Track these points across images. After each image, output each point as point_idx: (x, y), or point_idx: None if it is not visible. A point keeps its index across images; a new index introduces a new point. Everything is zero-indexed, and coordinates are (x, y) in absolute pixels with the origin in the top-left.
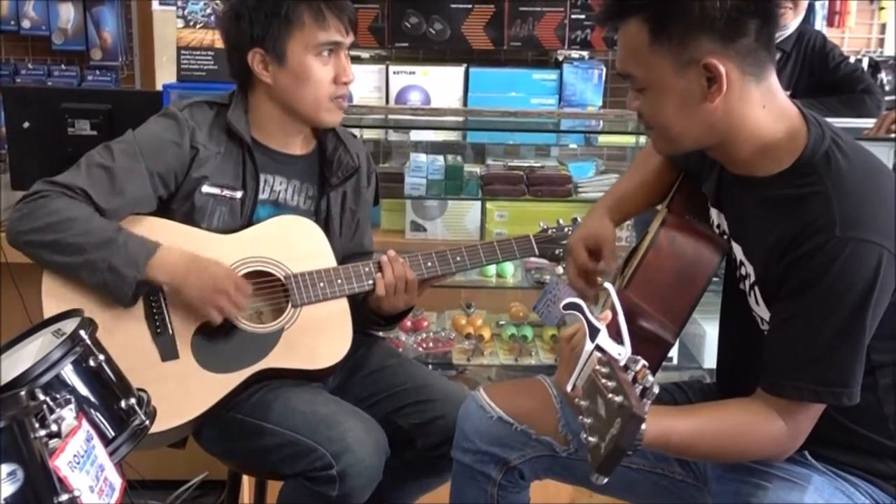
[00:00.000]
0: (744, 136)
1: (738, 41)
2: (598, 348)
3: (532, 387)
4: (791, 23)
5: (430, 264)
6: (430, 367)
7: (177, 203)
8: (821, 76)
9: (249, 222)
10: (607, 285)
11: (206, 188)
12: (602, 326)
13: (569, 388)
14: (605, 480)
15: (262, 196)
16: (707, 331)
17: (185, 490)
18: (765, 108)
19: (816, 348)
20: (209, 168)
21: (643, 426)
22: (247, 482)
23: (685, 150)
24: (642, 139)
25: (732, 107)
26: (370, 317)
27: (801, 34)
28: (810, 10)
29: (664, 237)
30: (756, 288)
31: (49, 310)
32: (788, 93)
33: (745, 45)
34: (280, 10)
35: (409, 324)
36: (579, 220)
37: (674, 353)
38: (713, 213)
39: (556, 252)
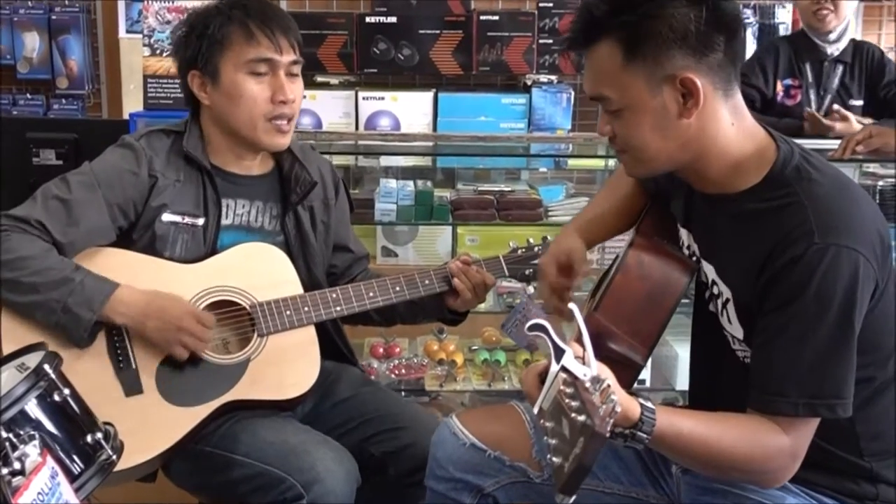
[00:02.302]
0: (715, 154)
1: (709, 56)
2: (564, 369)
3: (505, 413)
4: (837, 28)
5: (398, 288)
6: (403, 393)
7: (138, 233)
8: (873, 89)
9: (213, 249)
10: (571, 306)
11: (166, 216)
12: (567, 348)
13: (535, 411)
14: (571, 500)
15: (227, 221)
16: (680, 353)
17: None
18: (733, 126)
19: (807, 360)
20: (168, 196)
21: (656, 411)
22: None
23: (659, 172)
24: (612, 162)
25: (705, 123)
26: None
27: (859, 46)
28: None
29: (632, 259)
30: (729, 306)
31: (8, 349)
32: (860, 103)
33: (714, 59)
34: (208, 30)
35: (381, 350)
36: (549, 238)
37: (647, 375)
38: (683, 233)
39: (527, 272)
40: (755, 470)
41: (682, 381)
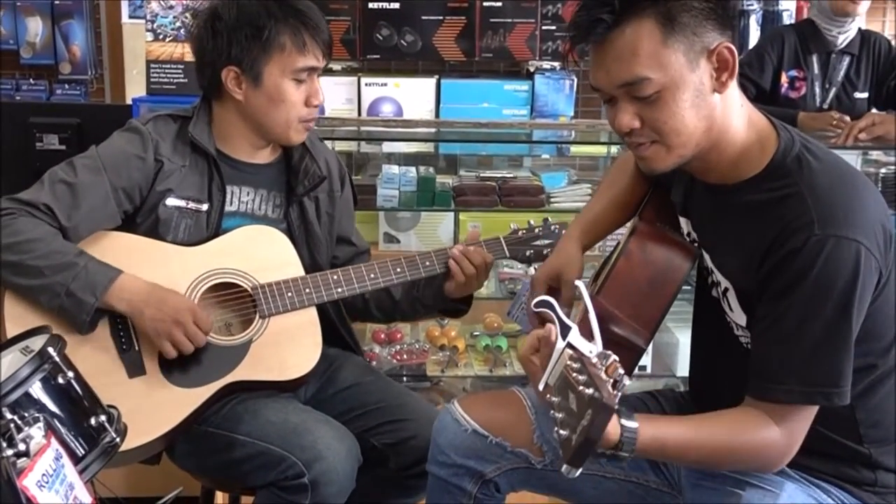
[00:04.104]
0: (726, 141)
1: (727, 29)
2: (570, 345)
3: (507, 398)
4: (858, 17)
5: (398, 269)
6: (405, 378)
7: (141, 217)
8: (882, 80)
9: (216, 234)
10: (578, 283)
11: (170, 201)
12: (573, 324)
13: (541, 387)
14: (577, 473)
15: (230, 208)
16: (681, 339)
17: None
18: (742, 108)
19: (804, 349)
20: (174, 181)
21: (638, 430)
22: (221, 498)
23: (683, 162)
24: (614, 149)
25: (726, 103)
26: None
27: (866, 37)
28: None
29: (635, 245)
30: (729, 294)
31: (12, 333)
32: (865, 96)
33: (731, 33)
34: (262, 34)
35: (383, 336)
36: (551, 220)
37: (647, 361)
38: (682, 221)
39: (528, 253)
40: (747, 462)
41: (683, 368)
